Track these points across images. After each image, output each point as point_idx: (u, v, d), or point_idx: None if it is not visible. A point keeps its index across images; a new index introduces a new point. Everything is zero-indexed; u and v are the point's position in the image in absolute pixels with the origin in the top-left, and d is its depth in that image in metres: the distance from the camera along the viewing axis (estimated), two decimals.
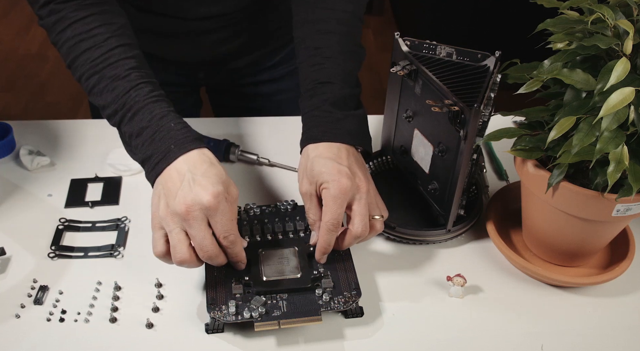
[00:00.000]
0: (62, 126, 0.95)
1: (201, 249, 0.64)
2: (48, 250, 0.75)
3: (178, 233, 0.64)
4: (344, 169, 0.68)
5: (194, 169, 0.65)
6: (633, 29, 0.57)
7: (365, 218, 0.68)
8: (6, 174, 0.86)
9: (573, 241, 0.71)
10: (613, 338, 0.69)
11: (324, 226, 0.67)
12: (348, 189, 0.67)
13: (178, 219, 0.63)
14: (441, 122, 0.73)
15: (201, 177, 0.64)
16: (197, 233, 0.63)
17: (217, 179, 0.64)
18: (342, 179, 0.67)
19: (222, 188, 0.63)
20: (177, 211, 0.63)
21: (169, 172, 0.66)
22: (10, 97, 2.43)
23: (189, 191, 0.63)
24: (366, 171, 0.72)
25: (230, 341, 0.66)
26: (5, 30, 2.82)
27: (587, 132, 0.59)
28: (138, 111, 0.69)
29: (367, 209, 0.69)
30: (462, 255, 0.78)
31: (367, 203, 0.69)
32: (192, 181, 0.64)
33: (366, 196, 0.69)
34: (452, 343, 0.67)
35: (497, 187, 0.85)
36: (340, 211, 0.67)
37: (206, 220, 0.63)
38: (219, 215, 0.63)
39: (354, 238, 0.69)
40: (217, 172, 0.65)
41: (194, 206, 0.62)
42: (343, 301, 0.67)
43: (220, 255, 0.65)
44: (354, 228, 0.68)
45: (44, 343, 0.65)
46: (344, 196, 0.66)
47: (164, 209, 0.64)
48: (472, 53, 0.73)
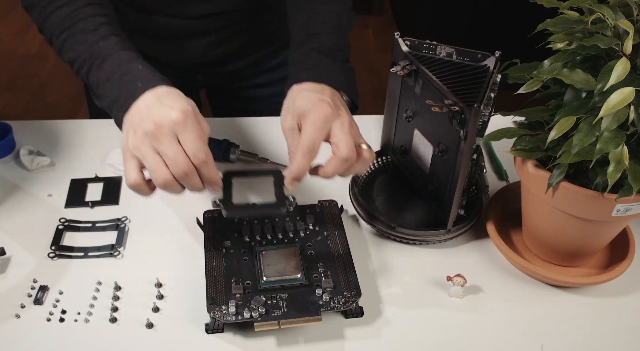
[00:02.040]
0: (62, 126, 0.95)
1: (175, 166, 0.61)
2: (48, 250, 0.75)
3: (153, 156, 0.62)
4: (325, 99, 0.67)
5: (162, 98, 0.64)
6: (633, 29, 0.57)
7: (351, 142, 0.66)
8: (6, 174, 0.86)
9: (573, 241, 0.71)
10: (613, 338, 0.69)
11: (299, 150, 0.65)
12: (329, 115, 0.65)
13: (149, 141, 0.62)
14: (441, 122, 0.73)
15: (169, 100, 0.63)
16: (169, 149, 0.61)
17: (186, 103, 0.64)
18: (322, 105, 0.66)
19: (190, 108, 0.63)
20: (146, 131, 0.62)
21: (137, 106, 0.65)
22: (10, 97, 2.43)
23: (157, 111, 0.62)
24: (349, 112, 0.70)
25: (230, 341, 0.66)
26: (5, 30, 2.82)
27: (587, 132, 0.59)
28: (106, 58, 0.68)
29: (352, 135, 0.66)
30: (462, 255, 0.78)
31: (350, 128, 0.66)
32: (160, 104, 0.63)
33: (349, 122, 0.67)
34: (452, 343, 0.67)
35: (497, 187, 0.85)
36: (318, 135, 0.65)
37: (176, 137, 0.62)
38: (187, 132, 0.62)
39: (340, 160, 0.66)
40: (188, 100, 0.65)
41: (162, 123, 0.61)
42: (343, 301, 0.67)
43: (193, 173, 0.63)
44: (339, 151, 0.65)
45: (44, 343, 0.65)
46: (324, 122, 0.65)
47: (133, 138, 0.63)
48: (472, 53, 0.73)
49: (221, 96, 1.15)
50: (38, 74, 2.55)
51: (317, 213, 0.78)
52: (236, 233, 0.74)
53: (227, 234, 0.74)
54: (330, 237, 0.75)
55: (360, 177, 0.86)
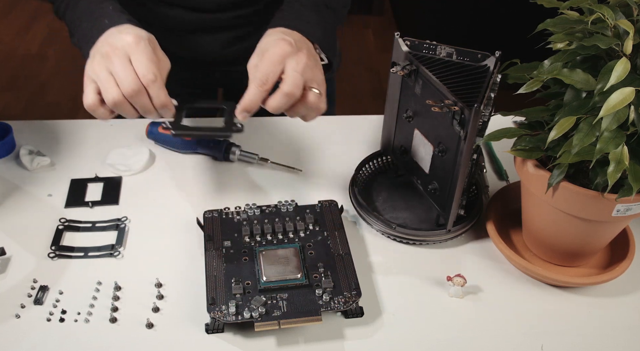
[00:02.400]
0: (62, 126, 0.95)
1: (124, 84, 0.64)
2: (48, 250, 0.75)
3: (106, 75, 0.65)
4: (287, 39, 0.68)
5: (124, 29, 0.69)
6: (633, 29, 0.57)
7: (298, 80, 0.66)
8: (6, 174, 0.86)
9: (573, 241, 0.71)
10: (613, 338, 0.69)
11: (252, 82, 0.67)
12: (286, 52, 0.67)
13: (103, 63, 0.66)
14: (441, 122, 0.73)
15: (128, 29, 0.68)
16: (119, 68, 0.65)
17: (143, 31, 0.68)
18: (281, 43, 0.67)
19: (145, 35, 0.68)
20: (102, 53, 0.66)
21: (101, 39, 0.69)
22: (10, 97, 2.43)
23: (115, 36, 0.68)
24: (316, 61, 0.71)
25: (230, 341, 0.66)
26: (5, 30, 2.82)
27: (587, 132, 0.59)
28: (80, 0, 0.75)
29: (303, 74, 0.67)
30: (462, 255, 0.78)
31: (304, 68, 0.67)
32: (118, 32, 0.68)
33: (305, 63, 0.67)
34: (452, 343, 0.67)
35: (497, 187, 0.85)
36: (272, 69, 0.66)
37: (128, 58, 0.65)
38: (139, 53, 0.65)
39: (282, 94, 0.66)
40: (147, 32, 0.69)
41: (116, 44, 0.66)
42: (343, 301, 0.67)
43: (142, 93, 0.65)
44: (283, 85, 0.66)
45: (44, 343, 0.65)
46: (280, 57, 0.67)
47: (91, 63, 0.67)
48: (472, 53, 0.73)
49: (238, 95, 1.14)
50: (38, 74, 2.55)
51: (317, 213, 0.78)
52: (236, 233, 0.74)
53: (227, 234, 0.74)
54: (330, 237, 0.75)
55: (360, 177, 0.86)
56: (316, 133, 0.97)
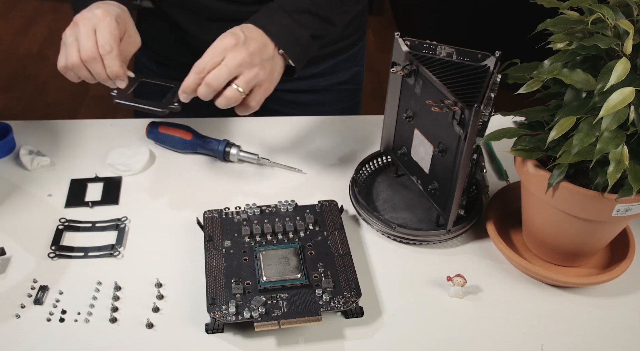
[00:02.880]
0: (62, 126, 0.95)
1: (82, 49, 0.73)
2: (48, 250, 0.75)
3: (72, 40, 0.74)
4: (239, 34, 0.73)
5: (104, 5, 0.76)
6: (633, 29, 0.57)
7: (222, 73, 0.71)
8: (6, 174, 0.86)
9: (573, 242, 0.71)
10: (613, 338, 0.69)
11: (194, 67, 0.73)
12: (227, 46, 0.72)
13: (73, 30, 0.75)
14: (441, 122, 0.73)
15: (105, 6, 0.75)
16: (82, 35, 0.73)
17: (115, 8, 0.75)
18: (228, 37, 0.72)
19: (114, 13, 0.75)
20: (75, 21, 0.75)
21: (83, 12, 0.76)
22: (10, 97, 2.43)
23: (89, 9, 0.75)
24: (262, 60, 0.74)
25: (230, 341, 0.66)
26: (5, 30, 2.82)
27: (587, 132, 0.59)
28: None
29: (232, 69, 0.72)
30: (462, 255, 0.78)
31: (236, 66, 0.72)
32: (96, 6, 0.75)
33: (241, 60, 0.72)
34: (452, 343, 0.67)
35: (497, 187, 0.85)
36: (210, 59, 0.72)
37: (93, 29, 0.74)
38: (102, 26, 0.73)
39: (205, 84, 0.72)
40: (119, 9, 0.76)
41: (86, 15, 0.74)
42: (343, 301, 0.67)
43: (97, 61, 0.74)
44: (208, 76, 0.72)
45: (44, 343, 0.65)
46: (221, 49, 0.72)
47: (66, 29, 0.75)
48: (472, 53, 0.73)
49: None
50: (38, 74, 2.55)
51: (317, 213, 0.78)
52: (236, 233, 0.74)
53: (227, 234, 0.74)
54: (330, 237, 0.75)
55: (360, 177, 0.86)
56: (316, 133, 0.97)
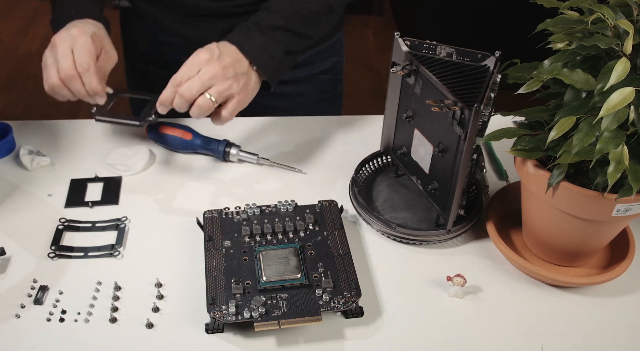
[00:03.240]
0: (62, 126, 0.95)
1: (61, 69, 0.76)
2: (48, 250, 0.75)
3: (51, 62, 0.78)
4: (214, 50, 0.77)
5: (79, 24, 0.79)
6: (633, 29, 0.57)
7: (194, 84, 0.75)
8: (6, 174, 0.86)
9: (573, 242, 0.71)
10: (613, 338, 0.69)
11: (170, 80, 0.77)
12: (202, 60, 0.76)
13: (52, 51, 0.78)
14: (441, 122, 0.73)
15: (82, 24, 0.79)
16: (60, 55, 0.76)
17: (91, 27, 0.79)
18: (203, 52, 0.77)
19: (91, 32, 0.78)
20: (52, 42, 0.78)
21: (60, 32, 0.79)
22: (10, 97, 2.43)
23: (66, 30, 0.78)
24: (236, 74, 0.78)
25: (230, 341, 0.66)
26: (5, 30, 2.82)
27: (587, 132, 0.59)
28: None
29: (205, 82, 0.76)
30: (462, 255, 0.78)
31: (209, 78, 0.76)
32: (73, 26, 0.78)
33: (213, 73, 0.76)
34: (452, 343, 0.67)
35: (497, 187, 0.85)
36: (187, 73, 0.76)
37: (70, 48, 0.77)
38: (78, 45, 0.76)
39: (179, 95, 0.76)
40: (95, 27, 0.79)
41: (62, 35, 0.77)
42: (343, 301, 0.67)
43: (75, 78, 0.77)
44: (181, 88, 0.76)
45: (44, 343, 0.65)
46: (196, 64, 0.76)
47: (46, 50, 0.78)
48: (472, 53, 0.73)
49: None
50: (38, 74, 2.54)
51: (317, 213, 0.78)
52: (236, 233, 0.74)
53: (227, 234, 0.74)
54: (330, 237, 0.75)
55: (360, 177, 0.86)
56: (316, 133, 0.97)
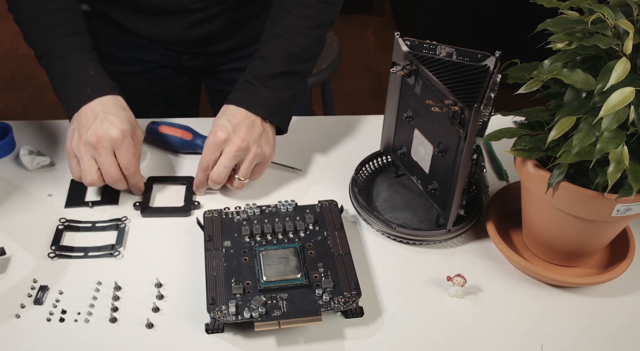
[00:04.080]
0: (62, 126, 0.95)
1: (107, 175, 0.77)
2: (48, 250, 0.75)
3: (88, 160, 0.77)
4: (227, 125, 0.79)
5: (107, 109, 0.78)
6: (633, 29, 0.57)
7: (224, 169, 0.79)
8: (6, 174, 0.86)
9: (573, 241, 0.71)
10: (613, 338, 0.69)
11: (199, 166, 0.81)
12: (221, 141, 0.79)
13: (89, 149, 0.76)
14: (441, 122, 0.73)
15: (112, 116, 0.77)
16: (105, 161, 0.77)
17: (125, 120, 0.78)
18: (218, 131, 0.79)
19: (129, 127, 0.78)
20: (89, 141, 0.76)
21: (85, 111, 0.78)
22: (10, 97, 2.43)
23: (100, 125, 0.76)
24: (259, 137, 0.81)
25: (230, 341, 0.66)
26: (5, 30, 2.82)
27: (587, 132, 0.59)
28: (64, 57, 0.81)
29: (231, 162, 0.79)
30: (462, 255, 0.78)
31: (233, 157, 0.79)
32: (104, 118, 0.77)
33: (234, 153, 0.79)
34: (452, 343, 0.67)
35: (497, 187, 0.85)
36: (211, 156, 0.80)
37: (113, 151, 0.77)
38: (123, 148, 0.77)
39: (211, 181, 0.81)
40: (127, 115, 0.79)
41: (103, 138, 0.76)
42: (343, 301, 0.67)
43: (122, 181, 0.79)
44: (211, 174, 0.80)
45: (44, 343, 0.65)
46: (216, 145, 0.79)
47: (77, 140, 0.77)
48: (472, 53, 0.73)
49: (212, 78, 1.16)
50: (38, 74, 2.55)
51: (317, 213, 0.78)
52: (236, 233, 0.74)
53: (227, 234, 0.74)
54: (330, 237, 0.75)
55: (360, 177, 0.86)
56: (316, 133, 0.97)
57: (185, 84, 1.16)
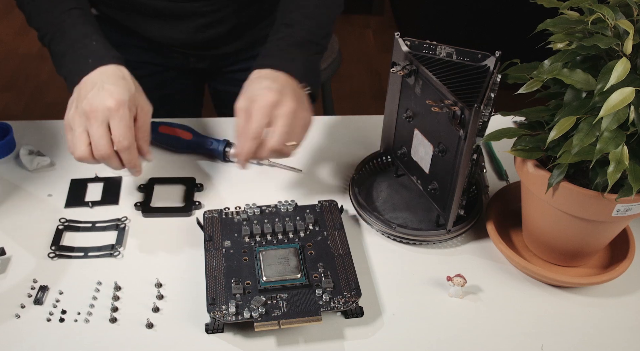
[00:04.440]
0: (62, 126, 0.94)
1: (95, 148, 0.70)
2: (48, 250, 0.75)
3: (81, 133, 0.70)
4: (274, 86, 0.73)
5: (106, 78, 0.72)
6: (633, 29, 0.57)
7: (285, 134, 0.73)
8: (6, 174, 0.86)
9: (573, 241, 0.71)
10: (613, 338, 0.69)
11: (248, 133, 0.73)
12: (273, 102, 0.72)
13: (83, 120, 0.70)
14: (441, 122, 0.73)
15: (110, 85, 0.71)
16: (95, 132, 0.69)
17: (125, 90, 0.71)
18: (269, 93, 0.72)
19: (126, 97, 0.70)
20: (83, 110, 0.70)
21: (85, 81, 0.73)
22: (10, 97, 2.43)
23: (97, 94, 0.70)
24: (301, 100, 0.76)
25: (230, 341, 0.66)
26: (5, 30, 2.82)
27: (587, 132, 0.59)
28: (66, 31, 0.77)
29: (289, 127, 0.73)
30: (462, 255, 0.78)
31: (289, 122, 0.73)
32: (101, 87, 0.70)
33: (288, 115, 0.73)
34: (452, 343, 0.67)
35: (497, 187, 0.85)
36: (264, 121, 0.72)
37: (106, 123, 0.69)
38: (117, 120, 0.69)
39: (269, 150, 0.73)
40: (127, 85, 0.72)
41: (97, 107, 0.69)
42: (343, 301, 0.67)
43: (113, 158, 0.71)
44: (270, 141, 0.73)
45: (44, 343, 0.65)
46: (268, 108, 0.72)
47: (74, 111, 0.71)
48: (472, 53, 0.73)
49: (216, 79, 1.17)
50: (38, 74, 2.55)
51: (317, 213, 0.78)
52: (236, 233, 0.74)
53: (227, 235, 0.74)
54: (330, 237, 0.75)
55: (360, 177, 0.86)
56: (316, 133, 0.97)
57: (189, 85, 1.16)
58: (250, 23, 1.03)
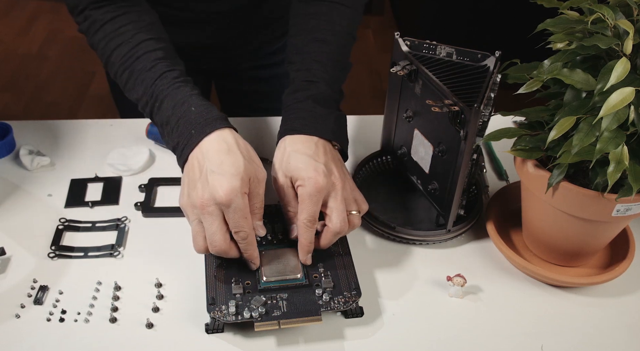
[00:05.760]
0: (62, 126, 0.95)
1: (211, 244, 0.66)
2: (48, 250, 0.75)
3: (196, 225, 0.67)
4: (320, 167, 0.68)
5: (213, 158, 0.66)
6: (633, 29, 0.57)
7: (343, 214, 0.69)
8: (6, 174, 0.86)
9: (573, 241, 0.71)
10: (613, 338, 0.69)
11: (301, 224, 0.68)
12: (324, 187, 0.67)
13: (196, 212, 0.66)
14: (441, 122, 0.73)
15: (218, 170, 0.65)
16: (209, 228, 0.65)
17: (234, 172, 0.65)
18: (318, 177, 0.67)
19: (238, 183, 0.64)
20: (195, 204, 0.66)
21: (191, 161, 0.68)
22: (10, 97, 2.43)
23: (206, 184, 0.65)
24: (342, 167, 0.73)
25: (230, 341, 0.66)
26: (5, 30, 2.82)
27: (587, 132, 0.59)
28: (163, 100, 0.72)
29: (344, 205, 0.69)
30: (462, 255, 0.78)
31: (343, 199, 0.69)
32: (210, 173, 0.65)
33: (342, 192, 0.69)
34: (452, 343, 0.67)
35: (497, 187, 0.85)
36: (316, 208, 0.68)
37: (221, 215, 0.65)
38: (231, 211, 0.64)
39: (332, 234, 0.69)
40: (234, 162, 0.66)
41: (209, 201, 0.64)
42: (343, 301, 0.67)
43: (230, 251, 0.67)
44: (332, 225, 0.69)
45: (44, 343, 0.65)
46: (319, 194, 0.67)
47: (186, 200, 0.67)
48: (472, 53, 0.73)
49: (226, 78, 1.17)
50: (38, 74, 2.55)
51: None
52: None
53: None
54: None
55: (360, 177, 0.86)
56: None
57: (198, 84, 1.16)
58: (265, 23, 1.04)
